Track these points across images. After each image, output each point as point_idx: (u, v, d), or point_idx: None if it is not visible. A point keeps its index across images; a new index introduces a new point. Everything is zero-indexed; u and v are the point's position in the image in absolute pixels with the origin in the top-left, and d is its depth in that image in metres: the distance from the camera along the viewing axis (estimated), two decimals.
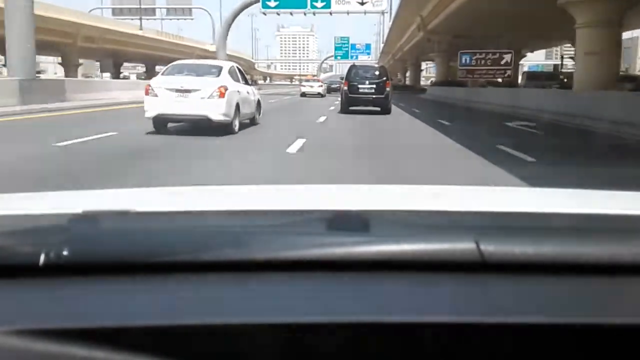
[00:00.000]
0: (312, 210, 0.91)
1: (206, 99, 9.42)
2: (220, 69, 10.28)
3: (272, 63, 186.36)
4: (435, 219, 0.86)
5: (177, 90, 9.45)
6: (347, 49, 72.72)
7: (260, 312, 0.56)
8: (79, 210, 0.78)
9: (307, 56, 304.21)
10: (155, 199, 1.12)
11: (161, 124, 9.69)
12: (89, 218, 0.77)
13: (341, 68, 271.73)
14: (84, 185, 4.97)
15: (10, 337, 0.49)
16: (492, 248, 0.63)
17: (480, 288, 0.62)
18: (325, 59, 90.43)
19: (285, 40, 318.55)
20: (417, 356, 0.55)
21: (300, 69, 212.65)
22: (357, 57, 72.71)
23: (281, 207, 0.98)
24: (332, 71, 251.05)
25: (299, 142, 8.34)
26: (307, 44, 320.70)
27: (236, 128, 10.02)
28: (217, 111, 9.43)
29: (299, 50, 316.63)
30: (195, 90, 9.43)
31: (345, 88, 17.33)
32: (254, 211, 0.93)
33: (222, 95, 9.48)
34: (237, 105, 10.05)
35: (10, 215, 0.84)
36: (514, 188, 2.92)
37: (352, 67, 18.42)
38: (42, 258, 0.60)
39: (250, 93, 11.41)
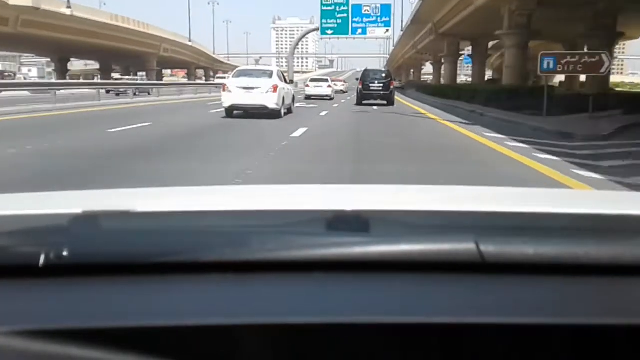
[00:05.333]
0: (312, 211, 0.90)
1: (264, 93, 14.12)
2: (272, 72, 15.22)
3: (261, 57, 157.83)
4: (435, 219, 0.86)
5: (244, 88, 14.24)
6: (344, 16, 41.44)
7: (260, 312, 0.56)
8: (79, 210, 0.78)
9: (307, 50, 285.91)
10: (155, 199, 1.11)
11: (231, 111, 14.43)
12: (89, 218, 0.77)
13: (343, 63, 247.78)
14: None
15: (11, 337, 0.48)
16: (492, 248, 0.63)
17: (480, 288, 0.62)
18: (306, 34, 58.64)
19: (281, 34, 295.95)
20: (416, 356, 0.55)
21: (300, 64, 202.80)
22: (364, 31, 41.72)
23: (281, 207, 0.97)
24: (332, 67, 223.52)
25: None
26: (307, 37, 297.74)
27: (282, 114, 14.64)
28: (272, 102, 14.14)
29: (299, 45, 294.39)
30: (257, 88, 14.16)
31: (360, 87, 23.83)
32: (254, 211, 0.93)
33: (275, 90, 14.21)
34: (283, 98, 14.81)
35: (10, 215, 0.83)
36: (514, 188, 2.65)
37: (366, 71, 24.91)
38: (42, 258, 0.60)
39: (289, 90, 16.45)
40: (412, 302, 0.59)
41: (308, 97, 28.73)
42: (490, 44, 45.00)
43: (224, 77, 60.64)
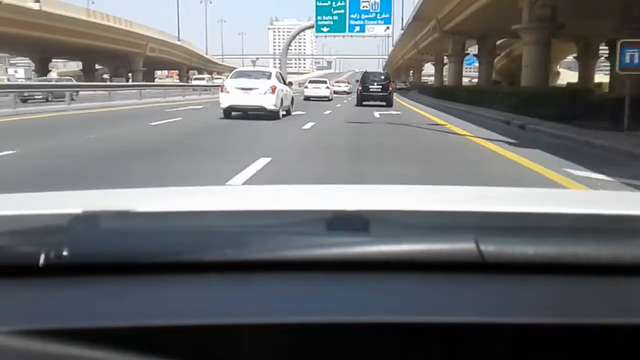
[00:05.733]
0: (312, 211, 0.90)
1: (262, 94, 14.11)
2: (270, 74, 15.26)
3: (257, 58, 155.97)
4: (435, 219, 0.86)
5: (242, 89, 14.26)
6: (341, 12, 38.86)
7: (260, 312, 0.56)
8: (79, 210, 0.79)
9: (304, 51, 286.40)
10: (155, 199, 1.11)
11: (229, 112, 14.43)
12: (89, 218, 0.78)
13: (341, 64, 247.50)
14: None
15: (10, 337, 0.49)
16: (492, 248, 0.64)
17: (480, 288, 0.62)
18: (300, 32, 54.34)
19: (279, 34, 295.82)
20: (416, 356, 0.55)
21: (297, 65, 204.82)
22: (362, 29, 39.26)
23: (281, 207, 0.97)
24: (330, 68, 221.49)
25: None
26: (304, 37, 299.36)
27: (281, 115, 14.69)
28: (270, 103, 14.13)
29: (296, 45, 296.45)
30: (255, 89, 14.18)
31: (360, 88, 25.04)
32: (254, 211, 0.93)
33: (273, 91, 14.22)
34: (282, 100, 14.80)
35: (10, 215, 0.83)
36: (514, 188, 2.69)
37: (365, 73, 26.43)
38: (42, 258, 0.60)
39: (288, 91, 16.22)
40: (412, 301, 0.59)
41: (307, 98, 29.34)
42: (497, 42, 41.89)
43: (203, 79, 56.95)
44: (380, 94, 24.24)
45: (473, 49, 44.81)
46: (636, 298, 0.61)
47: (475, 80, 50.36)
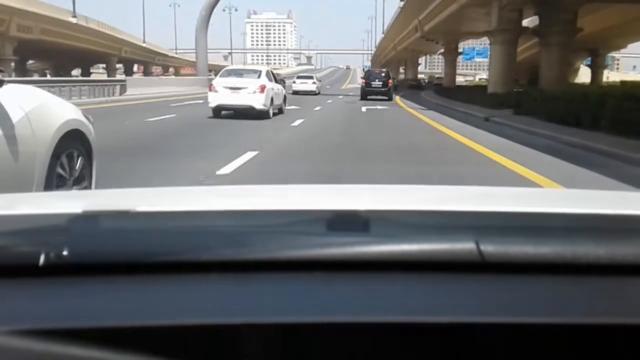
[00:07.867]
0: (312, 210, 0.90)
1: (251, 93, 14.07)
2: (260, 72, 15.13)
3: (230, 53, 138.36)
4: (435, 219, 0.86)
5: (231, 88, 14.22)
6: None
7: (260, 312, 0.57)
8: (79, 210, 0.80)
9: (285, 45, 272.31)
10: (155, 199, 1.12)
11: (218, 111, 14.33)
12: (89, 218, 0.78)
13: (322, 60, 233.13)
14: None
15: (10, 337, 0.49)
16: (492, 248, 0.64)
17: (480, 288, 0.63)
18: None
19: (257, 29, 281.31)
20: (417, 356, 0.55)
21: (276, 60, 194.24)
22: None
23: (281, 207, 0.97)
24: (310, 64, 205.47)
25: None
26: (284, 31, 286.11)
27: (271, 115, 14.58)
28: (259, 102, 14.08)
29: (275, 39, 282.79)
30: (244, 88, 14.14)
31: (363, 84, 29.83)
32: (254, 211, 0.93)
33: (262, 90, 14.17)
34: (272, 99, 14.71)
35: (10, 215, 0.84)
36: (514, 188, 2.75)
37: (368, 71, 31.99)
38: (42, 258, 0.61)
39: (280, 90, 16.08)
40: (412, 301, 0.60)
41: (295, 92, 32.52)
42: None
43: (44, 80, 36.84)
44: (381, 89, 28.78)
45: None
46: (636, 298, 0.61)
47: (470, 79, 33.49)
